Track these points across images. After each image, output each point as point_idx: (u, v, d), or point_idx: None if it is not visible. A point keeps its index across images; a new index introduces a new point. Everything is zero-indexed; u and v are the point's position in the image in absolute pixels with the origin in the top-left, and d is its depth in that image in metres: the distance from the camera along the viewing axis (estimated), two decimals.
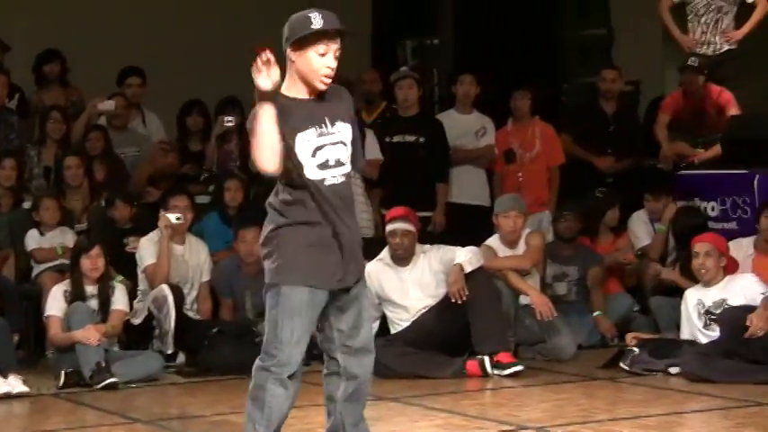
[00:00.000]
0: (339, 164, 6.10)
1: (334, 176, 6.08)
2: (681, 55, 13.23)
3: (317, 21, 5.99)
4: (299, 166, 6.02)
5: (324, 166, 6.05)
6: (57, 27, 14.74)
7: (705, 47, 12.92)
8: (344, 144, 6.14)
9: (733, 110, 12.57)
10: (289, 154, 5.99)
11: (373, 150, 12.03)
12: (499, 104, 12.92)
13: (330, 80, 6.09)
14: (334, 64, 6.05)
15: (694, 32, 12.96)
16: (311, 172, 6.03)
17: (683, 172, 12.62)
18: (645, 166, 13.07)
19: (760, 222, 10.94)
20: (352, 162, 6.20)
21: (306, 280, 6.05)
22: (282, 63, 6.03)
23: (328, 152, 6.07)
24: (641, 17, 15.49)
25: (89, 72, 13.72)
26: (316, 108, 6.10)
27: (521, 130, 12.83)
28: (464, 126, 12.76)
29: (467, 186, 12.65)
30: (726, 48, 12.95)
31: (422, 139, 12.32)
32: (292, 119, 6.02)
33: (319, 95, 6.12)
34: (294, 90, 6.10)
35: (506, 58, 14.59)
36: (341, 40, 6.09)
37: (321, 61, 6.02)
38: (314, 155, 6.03)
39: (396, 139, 12.37)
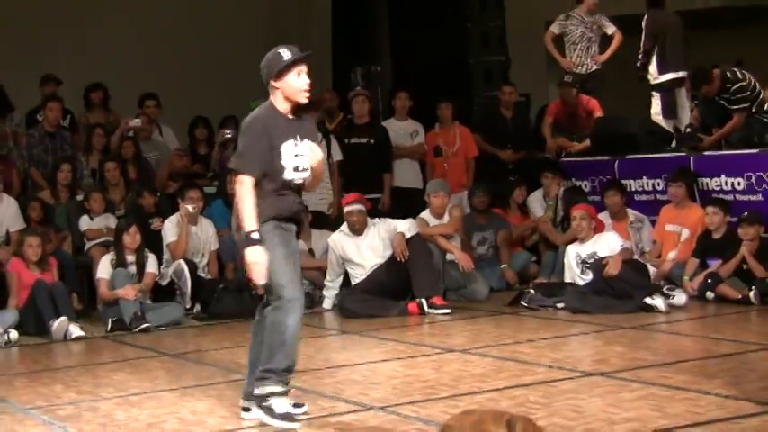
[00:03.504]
0: (303, 170, 5.98)
1: (299, 178, 5.99)
2: (559, 74, 13.31)
3: (287, 54, 5.91)
4: (282, 169, 5.92)
5: (296, 170, 5.95)
6: (93, 64, 14.72)
7: (580, 67, 12.99)
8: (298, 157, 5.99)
9: (598, 113, 12.68)
10: (276, 157, 5.89)
11: (336, 153, 12.09)
12: (428, 113, 12.96)
13: (308, 94, 5.98)
14: (308, 80, 5.97)
15: (571, 57, 13.03)
16: (289, 174, 5.93)
17: (564, 159, 12.71)
18: (535, 156, 13.14)
19: (604, 200, 11.06)
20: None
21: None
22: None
23: (299, 161, 5.95)
24: (530, 47, 15.62)
25: (118, 97, 13.67)
26: (292, 125, 5.97)
27: (445, 132, 12.85)
28: (402, 130, 12.78)
29: (405, 174, 12.67)
30: (594, 68, 13.03)
31: (372, 141, 12.34)
32: (279, 129, 5.92)
33: (296, 115, 6.01)
34: (280, 106, 5.97)
35: (430, 79, 14.61)
36: (307, 63, 6.00)
37: (299, 80, 5.93)
38: (290, 161, 5.93)
39: (352, 140, 12.38)
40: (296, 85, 5.93)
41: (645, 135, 11.76)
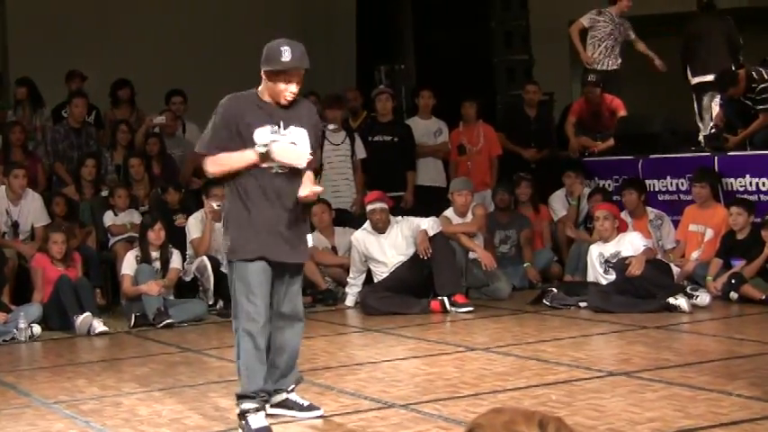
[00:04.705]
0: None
1: (276, 168, 5.70)
2: (583, 72, 13.25)
3: (286, 56, 5.62)
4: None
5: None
6: (119, 60, 14.75)
7: (599, 64, 12.91)
8: (294, 144, 5.73)
9: (622, 112, 12.60)
10: (246, 144, 5.67)
11: (361, 151, 12.07)
12: (451, 112, 12.94)
13: (290, 100, 5.72)
14: (294, 89, 5.70)
15: (594, 52, 12.93)
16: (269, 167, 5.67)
17: (587, 159, 12.66)
18: (559, 156, 13.09)
19: (622, 199, 11.01)
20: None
21: (252, 254, 5.69)
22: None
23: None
24: (553, 47, 15.54)
25: (143, 93, 13.68)
26: (276, 112, 5.71)
27: (469, 130, 12.81)
28: (425, 128, 12.76)
29: (428, 172, 12.65)
30: (613, 67, 12.95)
31: (395, 139, 12.32)
32: (254, 115, 5.68)
33: (290, 103, 5.76)
34: (266, 95, 5.75)
35: (454, 77, 14.56)
36: (304, 69, 5.71)
37: (284, 86, 5.68)
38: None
39: (376, 138, 12.36)
40: (281, 88, 5.68)
41: (668, 134, 11.71)
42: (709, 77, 11.73)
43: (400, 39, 16.30)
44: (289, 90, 5.71)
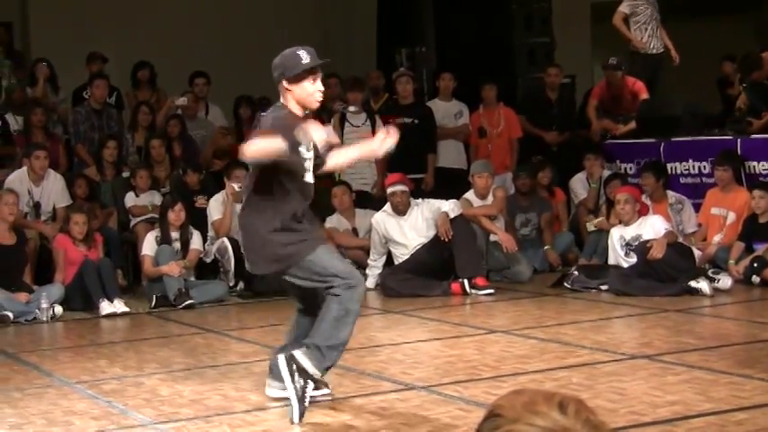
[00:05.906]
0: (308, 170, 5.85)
1: (310, 179, 5.87)
2: (603, 56, 13.18)
3: (305, 57, 5.72)
4: (303, 170, 5.80)
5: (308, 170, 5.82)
6: (140, 43, 14.75)
7: (652, 49, 12.81)
8: (311, 161, 5.86)
9: (644, 95, 12.54)
10: (297, 158, 5.71)
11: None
12: (472, 94, 12.91)
13: (321, 99, 5.85)
14: (322, 87, 5.84)
15: (642, 37, 12.81)
16: (308, 176, 5.85)
17: (609, 141, 12.61)
18: (580, 138, 13.04)
19: (641, 182, 10.97)
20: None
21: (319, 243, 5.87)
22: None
23: (309, 164, 5.83)
24: (574, 28, 15.48)
25: (167, 74, 13.69)
26: None
27: (489, 113, 12.80)
28: (446, 110, 12.76)
29: (449, 155, 12.65)
30: (661, 50, 12.84)
31: (416, 121, 12.30)
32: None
33: (305, 118, 5.80)
34: (294, 108, 5.78)
35: (475, 60, 14.53)
36: (322, 69, 5.85)
37: (314, 87, 5.76)
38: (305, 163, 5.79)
39: (397, 120, 12.33)
40: (310, 89, 5.77)
41: (690, 117, 11.66)
42: None
43: (421, 21, 16.27)
44: (317, 89, 5.79)
